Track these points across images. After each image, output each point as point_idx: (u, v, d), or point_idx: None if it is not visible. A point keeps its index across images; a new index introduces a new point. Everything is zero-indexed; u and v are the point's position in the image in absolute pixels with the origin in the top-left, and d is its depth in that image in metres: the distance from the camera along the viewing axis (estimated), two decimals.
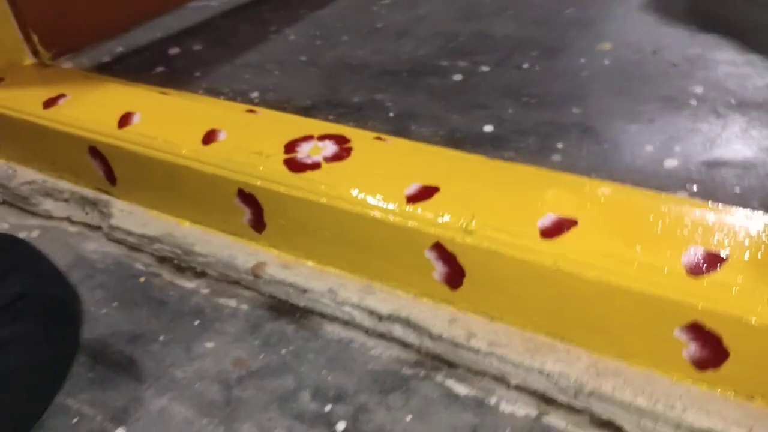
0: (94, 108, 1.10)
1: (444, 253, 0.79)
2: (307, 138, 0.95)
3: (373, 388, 0.81)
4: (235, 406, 0.80)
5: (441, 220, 0.79)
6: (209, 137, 0.98)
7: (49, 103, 1.14)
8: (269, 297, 0.95)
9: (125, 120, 1.05)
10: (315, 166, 0.90)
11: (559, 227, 0.75)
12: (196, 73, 1.40)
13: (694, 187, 0.93)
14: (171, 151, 0.98)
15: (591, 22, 1.48)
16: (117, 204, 1.09)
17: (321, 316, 0.91)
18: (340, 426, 0.77)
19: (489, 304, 0.80)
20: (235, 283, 0.97)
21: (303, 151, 0.93)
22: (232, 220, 0.97)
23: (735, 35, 1.36)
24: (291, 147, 0.94)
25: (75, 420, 0.80)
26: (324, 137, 0.95)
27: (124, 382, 0.84)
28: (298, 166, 0.90)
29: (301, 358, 0.86)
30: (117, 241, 1.08)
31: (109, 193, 1.11)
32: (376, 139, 0.97)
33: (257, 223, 0.95)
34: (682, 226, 0.73)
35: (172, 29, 1.65)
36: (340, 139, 0.95)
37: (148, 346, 0.89)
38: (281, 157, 0.92)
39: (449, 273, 0.81)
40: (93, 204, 1.12)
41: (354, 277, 0.90)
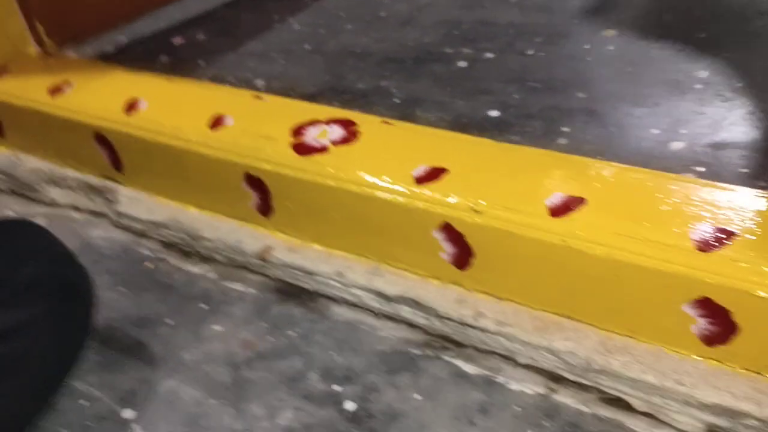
0: (100, 95, 1.11)
1: (452, 233, 0.80)
2: (314, 122, 0.95)
3: (382, 369, 0.81)
4: (244, 387, 0.80)
5: (449, 200, 0.79)
6: (216, 122, 0.98)
7: (55, 90, 1.14)
8: (277, 280, 0.95)
9: (131, 106, 1.05)
10: (322, 149, 0.90)
11: (567, 206, 0.75)
12: (200, 62, 1.40)
13: (701, 169, 0.93)
14: (178, 136, 0.98)
15: (595, 9, 1.48)
16: (123, 191, 1.09)
17: (329, 298, 0.91)
18: (349, 405, 0.77)
19: (497, 283, 0.81)
20: (243, 268, 0.98)
21: (310, 135, 0.93)
22: (239, 205, 0.97)
23: (739, 21, 1.36)
24: (298, 131, 0.94)
25: (83, 402, 0.80)
26: (331, 121, 0.95)
27: (132, 365, 0.85)
28: (305, 150, 0.90)
29: (309, 339, 0.86)
30: (123, 228, 1.08)
31: (115, 180, 1.11)
32: (383, 123, 0.97)
33: (264, 207, 0.95)
34: (690, 204, 0.73)
35: (175, 19, 1.65)
36: (347, 123, 0.95)
37: (156, 329, 0.89)
38: (288, 141, 0.92)
39: (457, 253, 0.81)
40: (99, 191, 1.12)
41: (361, 260, 0.90)
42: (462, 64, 1.30)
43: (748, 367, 0.69)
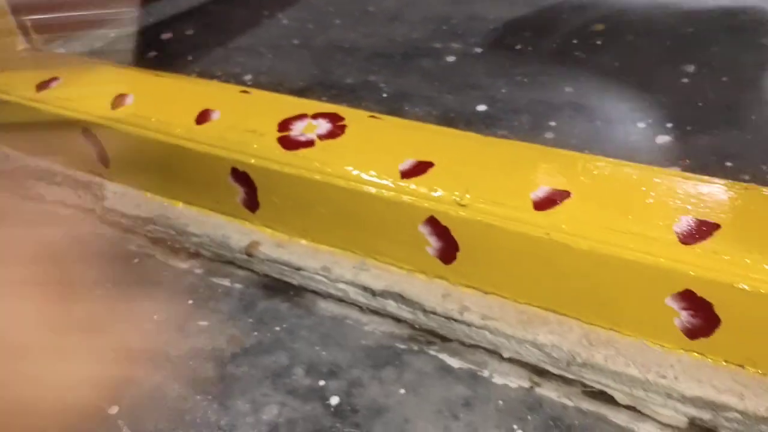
0: (87, 90, 1.10)
1: (438, 227, 0.80)
2: (301, 116, 0.95)
3: (367, 363, 0.81)
4: (229, 383, 0.80)
5: (435, 194, 0.79)
6: (203, 117, 0.98)
7: (42, 86, 1.14)
8: (263, 276, 0.95)
9: (118, 101, 1.05)
10: (309, 144, 0.90)
11: (552, 199, 0.75)
12: (189, 57, 1.40)
13: (687, 162, 0.93)
14: (165, 131, 0.98)
15: (584, 4, 1.48)
16: (110, 186, 1.09)
17: (315, 293, 0.91)
18: (334, 400, 0.77)
19: (482, 277, 0.81)
20: (229, 263, 0.98)
21: (297, 129, 0.93)
22: (225, 200, 0.97)
23: (727, 16, 1.36)
24: (285, 125, 0.94)
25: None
26: (318, 116, 0.95)
27: None
28: (291, 144, 0.90)
29: (294, 334, 0.86)
30: (110, 224, 1.08)
31: (102, 176, 1.10)
32: (370, 117, 0.97)
33: (251, 203, 0.95)
34: (674, 197, 0.73)
35: (164, 14, 1.64)
36: (334, 118, 0.95)
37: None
38: (275, 135, 0.92)
39: (443, 247, 0.81)
40: (86, 187, 1.12)
41: (348, 255, 0.90)
42: (450, 58, 1.30)
43: (729, 360, 0.69)
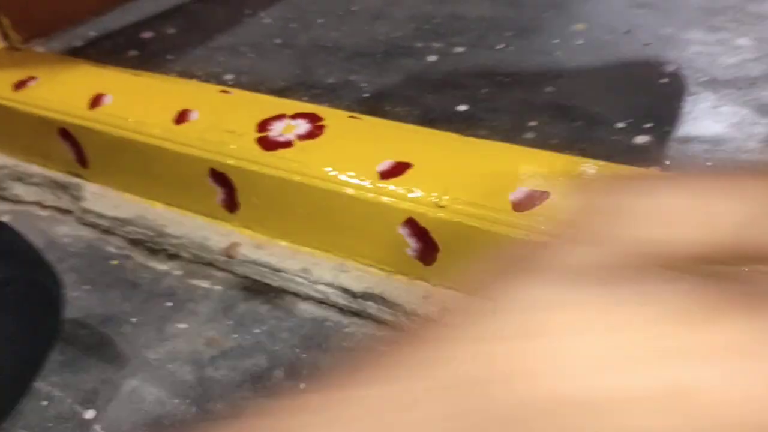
0: (65, 89, 1.09)
1: (416, 228, 0.79)
2: (280, 117, 0.95)
3: None
4: (207, 386, 0.80)
5: (413, 195, 0.79)
6: (181, 117, 0.97)
7: (19, 85, 1.12)
8: (243, 277, 0.94)
9: (96, 101, 1.04)
10: (287, 144, 0.89)
11: (531, 200, 0.75)
12: (169, 57, 1.39)
13: (666, 162, 0.94)
14: (142, 131, 0.97)
15: (565, 4, 1.48)
16: (88, 187, 1.08)
17: (295, 295, 0.91)
18: None
19: (462, 279, 0.80)
20: (209, 265, 0.97)
21: (276, 130, 0.92)
22: (204, 201, 0.96)
23: (706, 15, 1.36)
24: (264, 126, 0.93)
25: (45, 403, 0.79)
26: (297, 116, 0.95)
27: (95, 365, 0.84)
28: (270, 145, 0.89)
29: (274, 337, 0.85)
30: (89, 225, 1.07)
31: (80, 176, 1.09)
32: (350, 117, 0.96)
33: (230, 204, 0.94)
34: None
35: (145, 13, 1.62)
36: (313, 118, 0.94)
37: (119, 328, 0.88)
38: (254, 136, 0.91)
39: (422, 249, 0.81)
40: (64, 188, 1.11)
41: (328, 256, 0.89)
42: (432, 58, 1.30)
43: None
